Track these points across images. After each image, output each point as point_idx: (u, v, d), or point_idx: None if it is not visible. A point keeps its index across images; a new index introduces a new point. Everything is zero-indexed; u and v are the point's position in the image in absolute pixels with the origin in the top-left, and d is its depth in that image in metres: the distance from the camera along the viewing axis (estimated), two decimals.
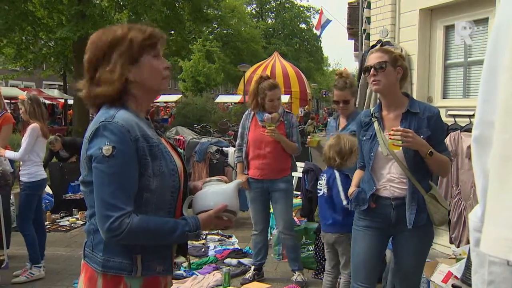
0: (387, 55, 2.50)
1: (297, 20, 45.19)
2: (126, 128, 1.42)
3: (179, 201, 1.55)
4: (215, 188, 1.58)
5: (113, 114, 1.46)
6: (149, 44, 1.51)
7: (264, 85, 3.90)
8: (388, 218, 2.54)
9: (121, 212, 1.40)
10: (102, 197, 1.41)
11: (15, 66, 18.55)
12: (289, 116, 3.99)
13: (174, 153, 1.63)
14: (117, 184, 1.41)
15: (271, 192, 4.01)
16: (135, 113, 1.51)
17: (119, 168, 1.41)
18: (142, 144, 1.44)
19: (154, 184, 1.46)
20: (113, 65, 1.48)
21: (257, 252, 4.21)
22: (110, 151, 1.40)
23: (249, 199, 4.17)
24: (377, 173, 2.55)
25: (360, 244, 2.63)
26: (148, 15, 13.24)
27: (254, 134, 3.97)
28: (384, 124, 2.55)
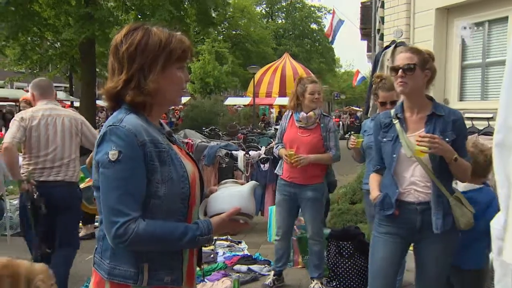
0: (417, 56, 2.48)
1: (308, 20, 45.12)
2: (133, 132, 1.44)
3: (190, 208, 1.54)
4: (229, 190, 1.56)
5: (121, 118, 1.48)
6: (177, 57, 1.53)
7: (304, 80, 3.97)
8: (412, 224, 2.51)
9: (127, 218, 1.40)
10: (108, 203, 1.43)
11: (21, 68, 18.79)
12: (326, 120, 3.96)
13: (189, 160, 1.63)
14: (123, 190, 1.41)
15: (299, 199, 4.01)
16: (146, 118, 1.53)
17: (125, 173, 1.42)
18: (149, 149, 1.45)
19: (162, 191, 1.46)
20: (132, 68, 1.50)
21: (279, 258, 4.20)
22: (116, 156, 1.42)
23: (276, 202, 4.19)
24: (399, 176, 2.52)
25: (380, 251, 2.59)
26: (155, 16, 13.31)
27: (289, 134, 4.00)
28: (407, 126, 2.53)
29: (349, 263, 4.18)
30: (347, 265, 4.18)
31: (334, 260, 4.25)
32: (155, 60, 1.49)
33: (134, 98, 1.50)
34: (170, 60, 1.51)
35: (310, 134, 3.91)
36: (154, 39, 1.50)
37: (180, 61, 1.54)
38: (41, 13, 13.87)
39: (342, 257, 4.22)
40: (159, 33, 1.51)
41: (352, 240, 4.27)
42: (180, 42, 1.54)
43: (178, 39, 1.54)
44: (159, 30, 1.53)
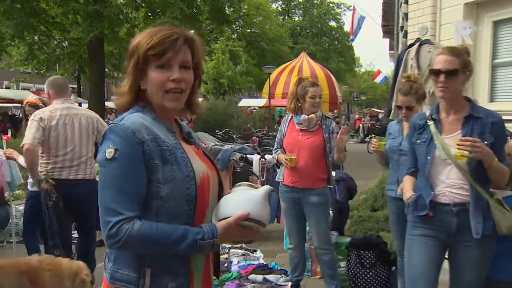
0: (458, 59, 2.49)
1: (327, 18, 45.04)
2: (131, 130, 1.47)
3: (199, 211, 1.53)
4: (241, 194, 1.52)
5: (123, 116, 1.53)
6: (153, 54, 1.50)
7: (305, 83, 3.99)
8: (448, 227, 2.52)
9: (120, 217, 1.41)
10: (103, 202, 1.45)
11: (27, 68, 19.09)
12: (328, 121, 4.01)
13: (204, 161, 1.64)
14: (118, 188, 1.43)
15: (303, 204, 4.02)
16: (154, 116, 1.56)
17: (120, 171, 1.44)
18: (149, 147, 1.47)
19: (165, 191, 1.47)
20: (128, 75, 1.57)
21: (294, 268, 4.21)
22: (112, 154, 1.45)
23: (283, 210, 4.22)
24: (434, 178, 2.55)
25: (418, 254, 2.59)
26: (166, 14, 13.41)
27: (289, 137, 4.03)
28: (442, 127, 2.56)
29: (370, 274, 4.16)
30: (369, 275, 4.16)
31: (354, 270, 4.23)
32: (136, 61, 1.53)
33: (135, 99, 1.59)
34: (145, 59, 1.52)
35: (311, 136, 3.95)
36: (135, 41, 1.56)
37: (156, 58, 1.51)
38: (48, 10, 14.01)
39: (363, 267, 4.20)
40: (143, 33, 1.56)
41: (373, 249, 4.25)
42: (148, 37, 1.52)
43: (147, 34, 1.53)
44: (148, 30, 1.58)
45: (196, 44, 1.59)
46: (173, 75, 1.51)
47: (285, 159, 3.90)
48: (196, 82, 1.65)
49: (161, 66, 1.51)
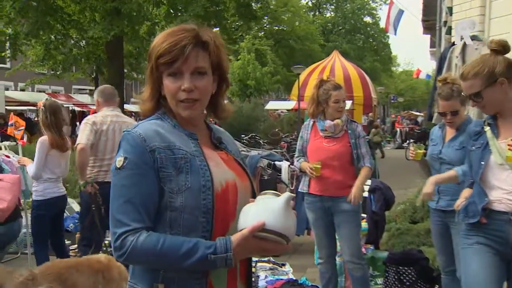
0: (476, 80, 2.51)
1: (361, 13, 44.78)
2: (142, 137, 1.50)
3: (217, 224, 1.52)
4: (262, 203, 1.48)
5: (139, 123, 1.58)
6: (163, 62, 1.52)
7: (327, 86, 3.94)
8: (505, 237, 2.48)
9: (125, 229, 1.44)
10: (111, 212, 1.49)
11: (43, 69, 19.57)
12: (353, 125, 3.99)
13: (233, 169, 1.64)
14: (125, 198, 1.47)
15: (333, 213, 4.00)
16: (174, 123, 1.59)
17: (129, 180, 1.48)
18: (161, 155, 1.49)
19: (178, 202, 1.48)
20: (147, 81, 1.61)
21: (326, 284, 4.18)
22: (122, 162, 1.50)
23: (310, 221, 4.18)
24: (488, 184, 2.53)
25: (476, 261, 2.54)
26: (188, 11, 13.55)
27: (313, 144, 4.00)
28: (498, 132, 2.56)
29: None
30: None
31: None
32: (151, 68, 1.57)
33: (157, 105, 1.63)
34: (157, 66, 1.55)
35: (337, 143, 3.92)
36: (152, 43, 1.58)
37: (166, 66, 1.53)
38: (64, 8, 14.28)
39: (403, 285, 4.15)
40: (159, 35, 1.58)
41: (413, 265, 4.19)
42: (160, 42, 1.53)
43: (160, 38, 1.55)
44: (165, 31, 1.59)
45: (213, 45, 1.57)
46: (184, 84, 1.52)
47: (309, 168, 3.87)
48: (222, 84, 1.66)
49: (173, 74, 1.53)
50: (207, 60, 1.56)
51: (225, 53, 1.64)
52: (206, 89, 1.57)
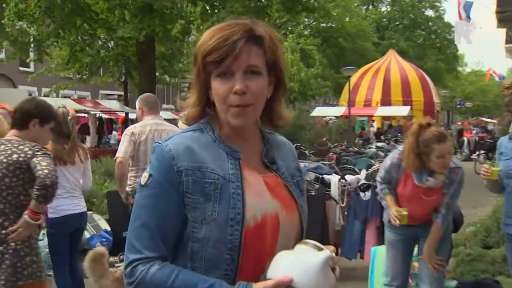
0: None
1: (422, 6, 44.21)
2: (171, 153, 1.48)
3: (245, 262, 1.48)
4: (298, 255, 1.45)
5: (174, 135, 1.55)
6: (211, 61, 1.48)
7: (428, 135, 3.66)
8: None
9: (137, 256, 1.44)
10: (128, 233, 1.49)
11: (68, 73, 20.13)
12: (452, 174, 3.79)
13: (283, 197, 1.57)
14: (142, 221, 1.47)
15: (420, 237, 3.97)
16: (215, 137, 1.54)
17: (149, 200, 1.47)
18: (188, 178, 1.46)
19: (202, 233, 1.46)
20: (193, 84, 1.57)
21: None
22: (146, 179, 1.49)
23: (388, 242, 4.16)
24: None
25: None
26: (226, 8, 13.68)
27: (406, 190, 3.91)
28: None
29: None
30: None
31: None
32: (198, 69, 1.53)
33: (204, 113, 1.58)
34: (204, 66, 1.51)
35: (436, 194, 3.83)
36: (198, 43, 1.54)
37: (215, 66, 1.48)
38: (91, 6, 14.62)
39: None
40: (206, 33, 1.54)
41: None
42: (206, 39, 1.50)
43: (207, 35, 1.51)
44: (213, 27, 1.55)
45: (269, 40, 1.51)
46: (236, 85, 1.46)
47: (394, 215, 3.83)
48: (279, 87, 1.59)
49: (222, 74, 1.48)
50: (262, 58, 1.50)
51: (282, 51, 1.58)
52: (260, 91, 1.50)
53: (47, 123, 3.52)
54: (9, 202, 3.20)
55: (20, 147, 3.24)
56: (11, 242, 3.16)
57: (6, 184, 3.18)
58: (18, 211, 3.20)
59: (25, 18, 12.98)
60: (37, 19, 13.15)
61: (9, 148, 3.24)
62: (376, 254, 5.25)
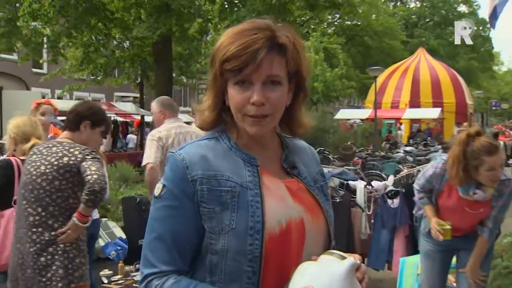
0: None
1: (454, 1, 43.80)
2: (185, 163, 1.49)
3: (267, 274, 1.47)
4: (322, 266, 1.44)
5: (187, 143, 1.58)
6: (230, 69, 1.46)
7: (477, 146, 3.53)
8: None
9: (152, 270, 1.46)
10: (143, 248, 1.51)
11: (82, 75, 20.34)
12: (503, 186, 3.67)
13: (307, 202, 1.57)
14: (156, 233, 1.48)
15: (460, 250, 3.95)
16: (231, 144, 1.55)
17: (162, 212, 1.48)
18: (203, 187, 1.47)
19: (220, 244, 1.45)
20: (209, 88, 1.57)
21: None
22: (159, 190, 1.50)
23: (424, 252, 4.12)
24: None
25: None
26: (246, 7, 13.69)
27: (449, 201, 3.86)
28: None
29: None
30: None
31: None
32: (214, 74, 1.53)
33: (219, 118, 1.58)
34: (222, 72, 1.49)
35: (483, 208, 3.75)
36: (216, 44, 1.53)
37: (233, 74, 1.47)
38: (107, 5, 14.72)
39: None
40: (226, 34, 1.52)
41: None
42: (226, 43, 1.48)
43: (227, 38, 1.49)
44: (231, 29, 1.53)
45: (292, 48, 1.50)
46: (254, 96, 1.45)
47: (436, 229, 3.77)
48: (299, 93, 1.58)
49: (240, 82, 1.47)
50: (283, 67, 1.49)
51: (306, 57, 1.56)
52: (279, 102, 1.49)
53: (98, 126, 3.66)
54: (59, 204, 3.32)
55: (71, 150, 3.37)
56: (60, 243, 3.28)
57: (56, 187, 3.30)
58: (67, 214, 3.33)
59: (39, 18, 13.13)
60: (51, 19, 13.28)
61: (60, 150, 3.37)
62: (405, 265, 5.22)
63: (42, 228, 3.28)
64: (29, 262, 3.24)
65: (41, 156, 3.38)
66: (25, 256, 3.26)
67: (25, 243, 3.27)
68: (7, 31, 13.61)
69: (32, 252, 3.24)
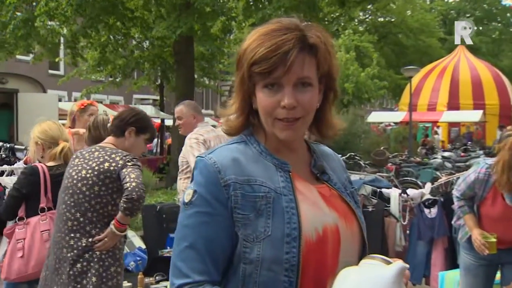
0: None
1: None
2: (217, 167, 1.50)
3: (305, 283, 1.48)
4: (365, 272, 1.43)
5: (216, 147, 1.59)
6: (258, 72, 1.49)
7: None
8: None
9: (185, 281, 1.46)
10: (172, 257, 1.52)
11: (100, 76, 20.58)
12: None
13: (340, 208, 1.58)
14: (188, 242, 1.48)
15: (505, 264, 3.94)
16: (262, 149, 1.58)
17: (194, 219, 1.49)
18: (237, 192, 1.48)
19: (255, 253, 1.46)
20: (235, 91, 1.59)
21: None
22: (190, 196, 1.51)
23: (465, 267, 4.10)
24: None
25: None
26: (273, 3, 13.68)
27: (494, 209, 3.83)
28: None
29: None
30: None
31: None
32: (242, 76, 1.55)
33: (247, 123, 1.61)
34: (250, 75, 1.52)
35: None
36: (243, 45, 1.55)
37: (262, 76, 1.49)
38: (126, 3, 14.82)
39: None
40: (253, 34, 1.54)
41: None
42: (255, 45, 1.49)
43: (255, 39, 1.50)
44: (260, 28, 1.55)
45: (323, 48, 1.52)
46: (284, 99, 1.47)
47: (480, 242, 3.76)
48: (329, 94, 1.61)
49: (269, 85, 1.50)
50: (314, 68, 1.52)
51: (336, 57, 1.58)
52: (310, 104, 1.52)
53: (143, 133, 3.77)
54: (97, 211, 3.41)
55: (112, 155, 3.48)
56: (97, 250, 3.37)
57: (95, 192, 3.40)
58: (106, 221, 3.42)
59: (56, 17, 13.29)
60: (69, 18, 13.44)
61: (102, 155, 3.48)
62: (445, 279, 5.18)
63: (80, 233, 3.37)
64: (65, 267, 3.33)
65: (83, 160, 3.49)
66: (61, 261, 3.36)
67: (62, 248, 3.37)
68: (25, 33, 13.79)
69: (69, 257, 3.34)
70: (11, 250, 3.88)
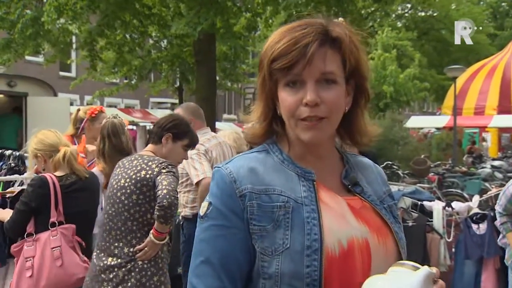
0: None
1: None
2: (232, 177, 1.53)
3: None
4: (393, 279, 1.44)
5: (235, 157, 1.63)
6: (278, 68, 1.51)
7: None
8: None
9: None
10: (188, 273, 1.56)
11: (114, 78, 20.76)
12: None
13: (371, 221, 1.58)
14: (203, 257, 1.51)
15: None
16: (284, 157, 1.59)
17: (209, 232, 1.53)
18: (253, 202, 1.50)
19: (274, 267, 1.47)
20: (258, 95, 1.62)
21: None
22: (205, 209, 1.55)
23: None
24: None
25: None
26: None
27: None
28: None
29: None
30: None
31: None
32: (263, 77, 1.58)
33: (271, 130, 1.64)
34: (271, 74, 1.54)
35: None
36: (265, 45, 1.59)
37: (283, 73, 1.52)
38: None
39: None
40: (274, 33, 1.58)
41: None
42: (274, 42, 1.53)
43: (275, 37, 1.55)
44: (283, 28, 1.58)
45: (349, 42, 1.54)
46: (306, 95, 1.49)
47: None
48: (360, 96, 1.61)
49: (291, 83, 1.52)
50: (339, 64, 1.53)
51: (365, 54, 1.59)
52: (336, 102, 1.52)
53: (180, 140, 3.94)
54: (137, 219, 3.59)
55: (149, 163, 3.65)
56: (139, 260, 3.55)
57: (133, 201, 3.57)
58: (145, 229, 3.60)
59: (66, 13, 13.42)
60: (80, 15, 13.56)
61: (139, 164, 3.67)
62: None
63: (122, 243, 3.57)
64: (107, 275, 3.52)
65: (123, 169, 3.68)
66: (103, 269, 3.54)
67: (107, 256, 3.57)
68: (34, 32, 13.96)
69: (112, 266, 3.52)
70: (19, 269, 3.86)
